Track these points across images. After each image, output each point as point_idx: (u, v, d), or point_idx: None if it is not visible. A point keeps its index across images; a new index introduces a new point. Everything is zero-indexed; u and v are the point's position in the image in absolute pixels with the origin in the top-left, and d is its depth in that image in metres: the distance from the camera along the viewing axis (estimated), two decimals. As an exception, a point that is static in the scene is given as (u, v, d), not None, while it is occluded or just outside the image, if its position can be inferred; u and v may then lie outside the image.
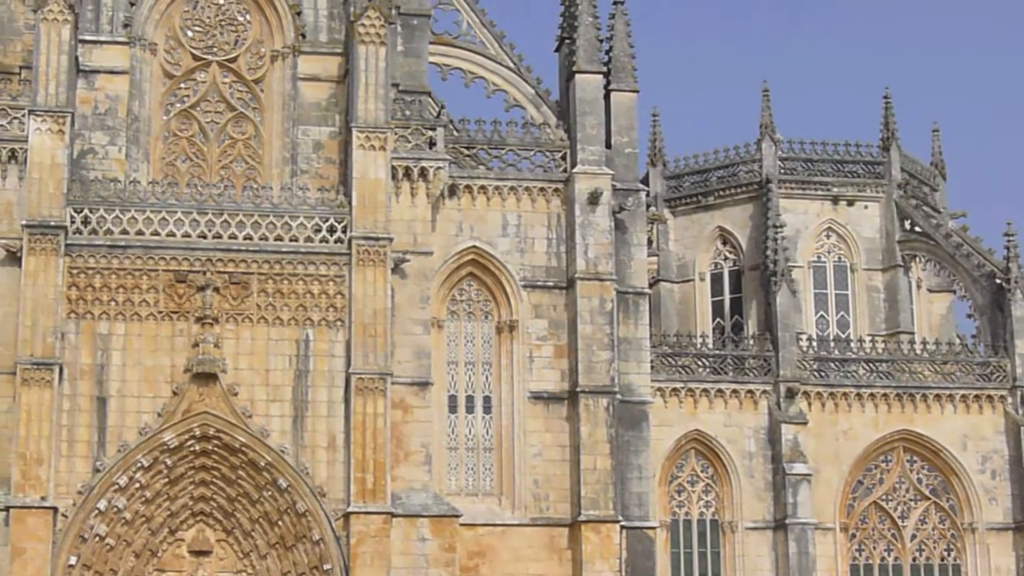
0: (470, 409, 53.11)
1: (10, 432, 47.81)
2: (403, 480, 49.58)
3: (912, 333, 63.92)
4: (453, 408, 52.97)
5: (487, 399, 53.22)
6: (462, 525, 50.29)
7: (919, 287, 66.98)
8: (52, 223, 48.99)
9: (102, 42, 53.08)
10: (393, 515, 48.78)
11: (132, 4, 53.31)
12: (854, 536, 57.76)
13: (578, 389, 52.17)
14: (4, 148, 50.23)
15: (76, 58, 51.52)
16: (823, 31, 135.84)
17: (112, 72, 52.97)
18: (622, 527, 51.67)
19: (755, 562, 56.21)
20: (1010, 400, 58.60)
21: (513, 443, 52.56)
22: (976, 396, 58.63)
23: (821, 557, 56.10)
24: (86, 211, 49.72)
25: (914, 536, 58.09)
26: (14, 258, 48.99)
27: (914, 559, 57.94)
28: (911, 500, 58.35)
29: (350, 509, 48.50)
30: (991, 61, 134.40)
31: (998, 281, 60.60)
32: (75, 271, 49.28)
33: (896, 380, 58.43)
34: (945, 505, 58.28)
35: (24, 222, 48.99)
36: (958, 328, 66.07)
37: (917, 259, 65.93)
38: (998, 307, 60.32)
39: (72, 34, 50.94)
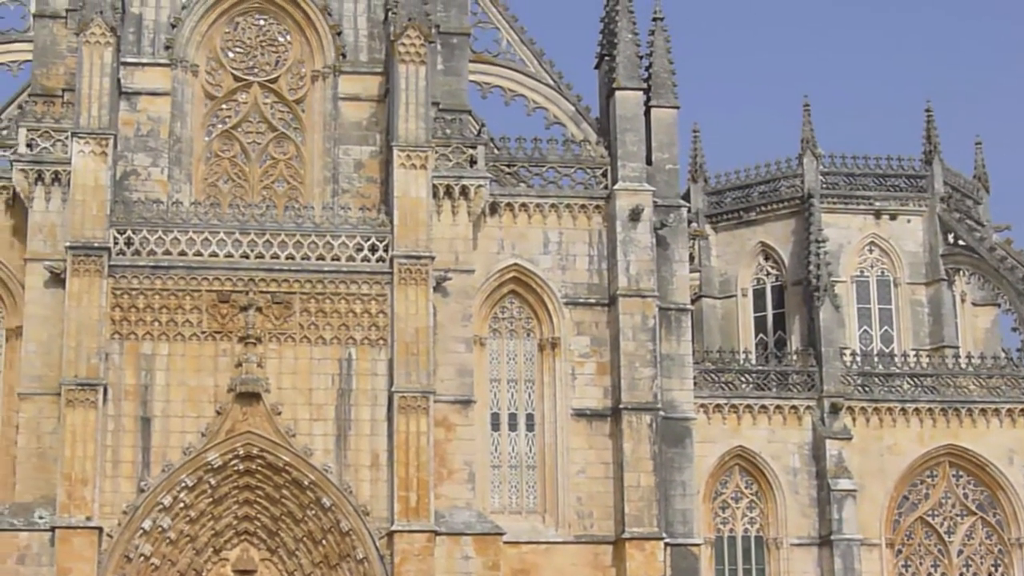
0: (513, 427, 53.15)
1: (55, 453, 48.02)
2: (447, 498, 49.60)
3: (956, 347, 63.65)
4: (496, 426, 52.99)
5: (530, 417, 53.22)
6: (506, 543, 50.24)
7: (963, 301, 66.76)
8: (96, 244, 49.26)
9: (144, 64, 53.44)
10: (437, 533, 48.76)
11: (173, 26, 53.64)
12: (900, 552, 57.55)
13: (621, 406, 52.11)
14: (47, 170, 50.46)
15: (118, 80, 51.83)
16: (864, 45, 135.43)
17: (154, 94, 53.29)
18: (666, 544, 51.54)
19: (801, 579, 56.19)
20: (1057, 414, 58.47)
21: (556, 460, 52.53)
22: (1022, 410, 58.36)
23: (867, 573, 55.90)
24: (129, 232, 50.01)
25: (960, 552, 57.84)
26: (58, 280, 49.23)
27: (961, 574, 57.67)
28: (957, 515, 58.13)
29: (394, 528, 48.52)
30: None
31: (1045, 293, 60.48)
32: (119, 292, 49.54)
33: (941, 395, 58.24)
34: (992, 520, 58.06)
35: (68, 244, 49.24)
36: (1003, 341, 65.73)
37: (961, 273, 65.70)
38: (1045, 320, 60.23)
39: (114, 56, 51.23)
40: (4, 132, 52.65)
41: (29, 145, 50.90)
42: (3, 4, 54.70)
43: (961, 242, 65.14)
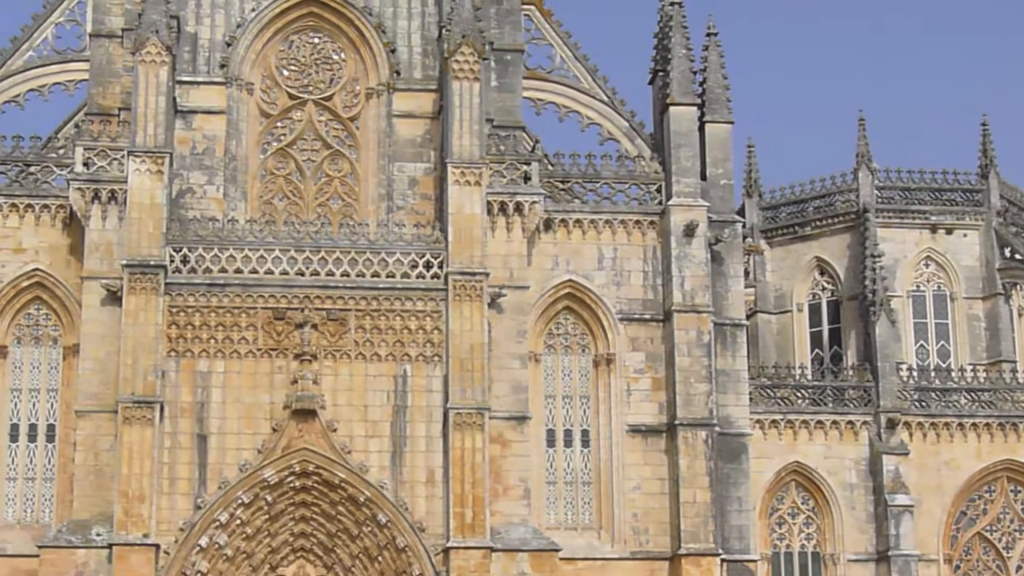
0: (568, 443, 53.10)
1: (112, 470, 48.30)
2: (502, 515, 49.59)
3: (1014, 362, 63.34)
4: (551, 442, 52.95)
5: (585, 433, 53.17)
6: (562, 559, 50.16)
7: (1020, 315, 66.37)
8: (152, 262, 49.52)
9: (199, 83, 53.73)
10: (493, 550, 48.77)
11: (228, 45, 53.92)
12: (958, 568, 57.36)
13: (676, 422, 52.05)
14: (104, 189, 50.81)
15: (174, 99, 52.15)
16: (919, 59, 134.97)
17: (209, 112, 53.59)
18: (722, 560, 51.46)
19: (859, 595, 55.99)
20: (1114, 429, 58.17)
21: (612, 476, 52.48)
22: (1079, 424, 58.22)
23: (925, 589, 55.84)
24: (185, 250, 50.27)
25: (1020, 567, 57.64)
26: (115, 298, 49.53)
27: (1020, 590, 57.56)
28: (1016, 531, 57.94)
29: (450, 544, 48.56)
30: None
31: (1103, 308, 60.22)
32: (175, 310, 49.78)
33: (999, 409, 58.11)
34: (1051, 535, 57.92)
35: (124, 262, 49.52)
36: (1061, 356, 65.46)
37: (1018, 287, 65.46)
38: (1103, 335, 59.96)
39: (169, 75, 51.55)
40: (61, 151, 53.10)
41: (86, 164, 51.30)
42: (59, 24, 54.94)
43: (1018, 256, 64.98)
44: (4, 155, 52.89)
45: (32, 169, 52.77)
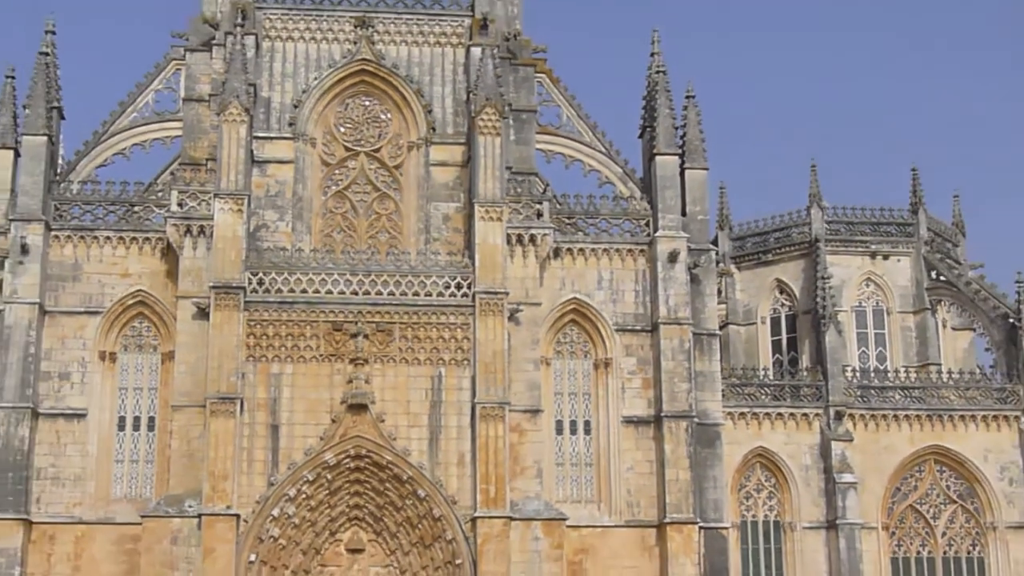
0: (573, 431, 52.93)
1: (201, 454, 48.29)
2: (519, 490, 49.49)
3: (939, 364, 63.32)
4: (559, 431, 52.80)
5: (587, 423, 53.02)
6: (568, 527, 50.12)
7: (945, 326, 66.30)
8: (234, 284, 49.50)
9: (272, 138, 53.71)
10: (512, 519, 48.68)
11: (295, 107, 53.95)
12: (894, 534, 57.21)
13: (662, 414, 51.94)
14: (195, 225, 50.91)
15: (251, 151, 52.11)
16: (862, 113, 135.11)
17: (280, 162, 53.55)
18: (700, 528, 51.29)
19: (812, 557, 55.73)
20: (1023, 419, 57.74)
21: (609, 459, 52.37)
22: (995, 416, 58.01)
23: (866, 552, 55.56)
24: (261, 274, 50.25)
25: (944, 533, 57.45)
26: (203, 313, 49.51)
27: (944, 553, 57.32)
28: (941, 503, 57.75)
29: (477, 514, 48.45)
30: (1006, 135, 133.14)
31: (1011, 321, 60.17)
32: (252, 323, 49.75)
33: (927, 404, 57.90)
34: (970, 507, 57.67)
35: (211, 284, 49.51)
36: (978, 360, 65.31)
37: (942, 303, 65.43)
38: (1012, 342, 59.84)
39: (248, 132, 51.57)
40: (159, 194, 53.11)
41: (180, 204, 51.38)
42: (158, 90, 55.02)
43: (942, 278, 64.96)
44: (113, 197, 52.90)
45: (136, 209, 52.76)
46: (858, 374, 59.23)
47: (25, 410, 50.07)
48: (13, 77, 53.89)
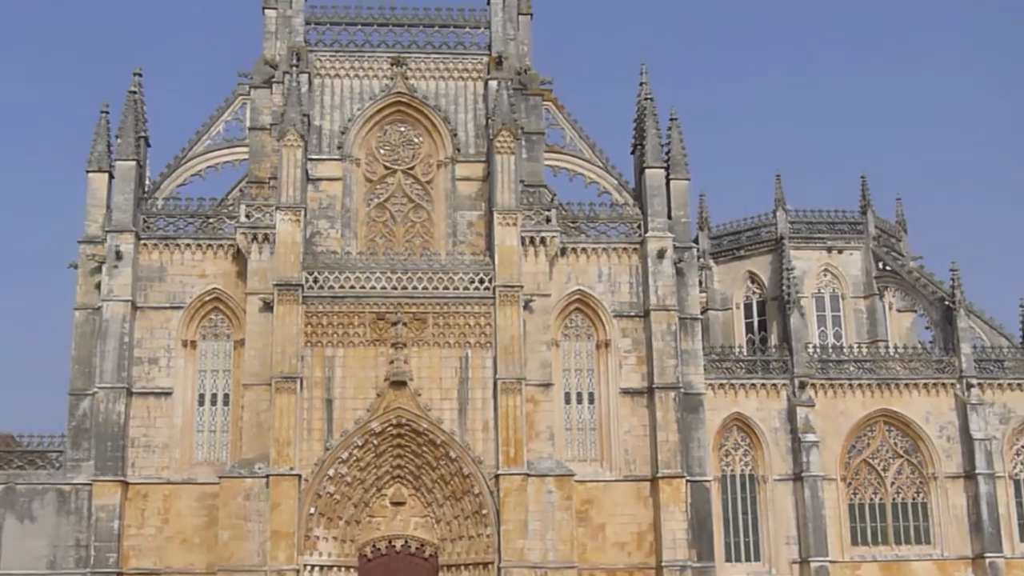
0: (579, 401, 53.02)
1: (268, 424, 48.62)
2: (535, 451, 49.70)
3: (887, 341, 63.23)
4: (568, 401, 52.89)
5: (591, 394, 53.09)
6: (576, 482, 50.35)
7: (891, 309, 66.24)
8: (293, 282, 49.88)
9: (323, 159, 53.92)
10: (529, 475, 48.91)
11: (343, 133, 54.22)
12: (850, 484, 57.22)
13: (654, 386, 52.12)
14: (260, 233, 51.16)
15: (306, 171, 52.35)
16: (818, 132, 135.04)
17: (330, 179, 53.76)
18: (687, 481, 51.49)
19: (781, 504, 55.81)
20: (958, 386, 57.98)
21: (610, 424, 52.55)
22: (934, 384, 58.02)
23: (828, 499, 55.71)
24: (315, 274, 50.56)
25: (893, 483, 57.49)
26: (268, 307, 49.88)
27: (893, 499, 57.34)
28: (890, 458, 57.77)
29: (499, 472, 48.75)
30: (943, 145, 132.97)
31: (947, 303, 60.14)
32: (309, 314, 50.04)
33: (877, 374, 57.89)
34: (915, 461, 57.70)
35: (275, 282, 49.90)
36: (919, 337, 65.25)
37: (889, 289, 65.34)
38: (947, 321, 59.82)
39: (303, 154, 51.83)
40: (230, 207, 53.25)
41: (247, 216, 51.67)
42: (228, 121, 55.11)
43: (888, 268, 64.90)
44: (192, 211, 53.12)
45: (211, 220, 52.97)
46: (818, 350, 59.42)
47: (121, 389, 50.49)
48: (107, 112, 54.14)
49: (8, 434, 54.81)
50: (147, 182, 54.37)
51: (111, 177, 53.16)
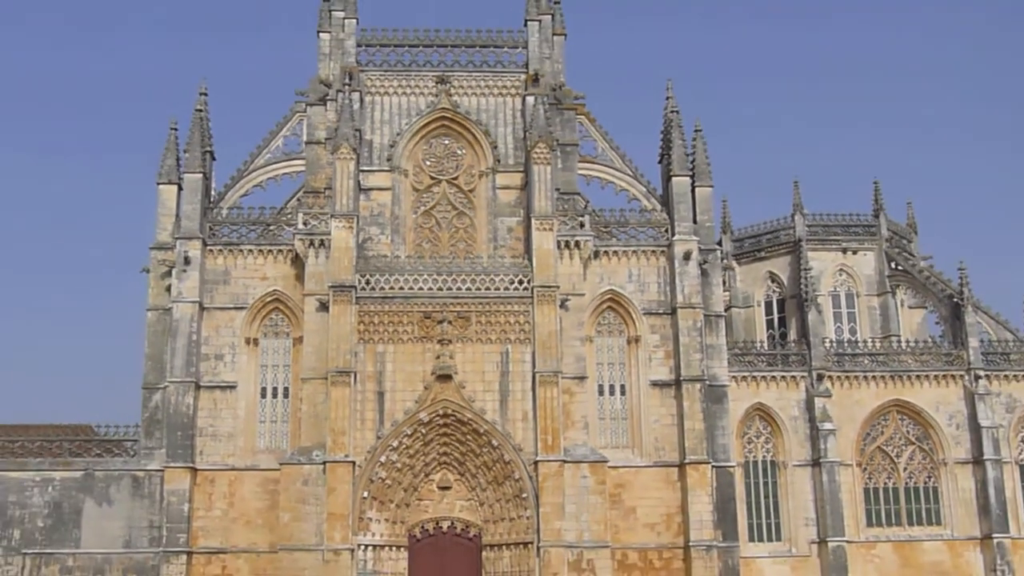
0: (612, 393, 52.81)
1: (324, 415, 48.73)
2: (571, 439, 49.58)
3: (899, 336, 62.62)
4: (601, 392, 52.66)
5: (622, 386, 52.88)
6: (609, 467, 50.22)
7: (902, 305, 65.58)
8: (347, 284, 49.92)
9: (374, 171, 53.85)
10: (565, 462, 48.81)
11: (391, 146, 54.18)
12: (865, 469, 56.72)
13: (681, 378, 51.90)
14: (316, 239, 51.26)
15: (358, 181, 52.38)
16: (837, 135, 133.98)
17: (380, 189, 53.69)
18: (712, 466, 51.26)
19: (800, 488, 55.36)
20: (966, 378, 57.30)
21: (640, 414, 52.32)
22: (944, 376, 57.42)
23: (844, 483, 55.24)
24: (367, 276, 50.63)
25: (905, 468, 56.92)
26: (324, 307, 49.96)
27: (906, 484, 56.77)
28: (903, 444, 57.21)
29: (537, 458, 48.66)
30: (953, 149, 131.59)
31: (955, 300, 59.47)
32: (362, 313, 50.10)
33: (890, 367, 57.37)
34: (926, 447, 57.11)
35: (330, 284, 49.98)
36: (929, 332, 64.62)
37: (900, 287, 64.72)
38: (956, 317, 59.14)
39: (356, 166, 51.89)
40: (289, 215, 53.33)
41: (304, 223, 51.74)
42: (286, 136, 55.11)
43: (900, 268, 64.31)
44: (254, 219, 53.31)
45: (271, 228, 53.14)
46: (834, 344, 58.80)
47: (190, 383, 50.74)
48: (176, 129, 54.41)
49: (87, 425, 55.24)
50: (212, 193, 54.54)
51: (180, 188, 53.41)
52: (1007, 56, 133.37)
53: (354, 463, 48.16)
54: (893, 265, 64.44)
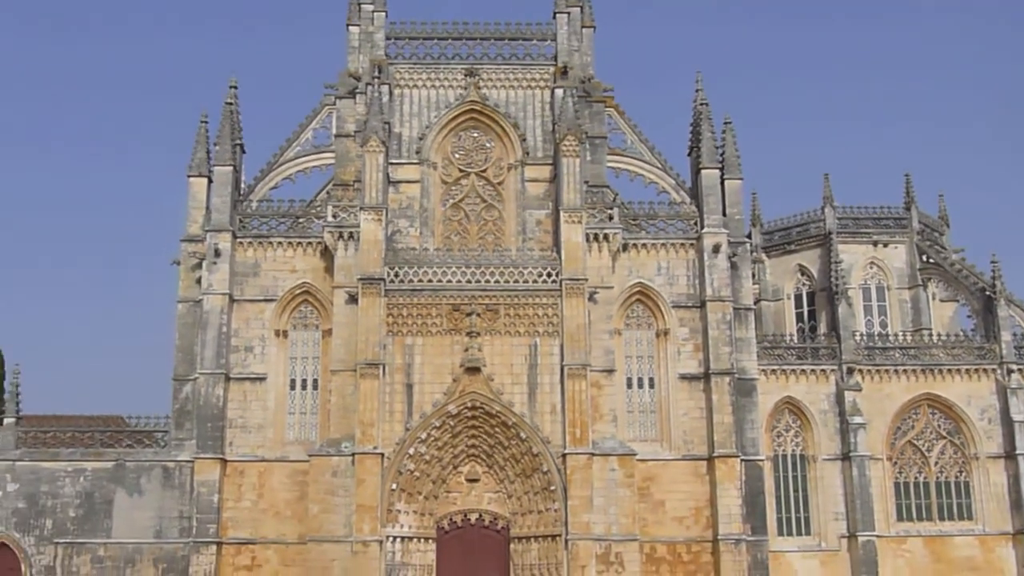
0: (640, 386, 52.58)
1: (353, 407, 48.69)
2: (599, 432, 49.35)
3: (930, 329, 62.19)
4: (629, 385, 52.43)
5: (651, 379, 52.66)
6: (638, 460, 49.93)
7: (934, 299, 64.99)
8: (376, 277, 49.87)
9: (402, 163, 53.86)
10: (594, 455, 48.60)
11: (420, 139, 54.14)
12: (896, 463, 56.42)
13: (710, 371, 51.61)
14: (345, 231, 51.21)
15: (387, 174, 52.40)
16: (867, 130, 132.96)
17: (409, 182, 53.68)
18: (741, 460, 50.95)
19: (830, 482, 55.16)
20: (999, 371, 56.99)
21: (668, 407, 52.07)
22: (975, 369, 57.07)
23: (874, 478, 54.98)
24: (396, 269, 50.57)
25: (936, 462, 56.62)
26: (353, 299, 49.94)
27: (937, 478, 56.51)
28: (934, 439, 56.86)
29: (566, 451, 48.47)
30: (984, 143, 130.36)
31: (987, 293, 59.15)
32: (391, 306, 50.05)
33: (921, 360, 57.03)
34: (957, 442, 56.76)
35: (359, 276, 49.95)
36: (961, 325, 64.05)
37: (932, 280, 64.21)
38: (988, 311, 58.87)
39: (385, 159, 51.88)
40: (318, 208, 53.38)
41: (334, 216, 51.71)
42: (316, 129, 55.08)
43: (931, 260, 63.86)
44: (283, 212, 53.40)
45: (301, 220, 53.17)
46: (865, 338, 58.41)
47: (220, 375, 50.88)
48: (206, 122, 54.48)
49: (118, 416, 55.60)
50: (242, 185, 54.59)
51: (210, 181, 53.50)
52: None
53: (383, 455, 48.13)
54: (924, 258, 63.97)
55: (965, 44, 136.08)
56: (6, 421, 51.34)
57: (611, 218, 52.19)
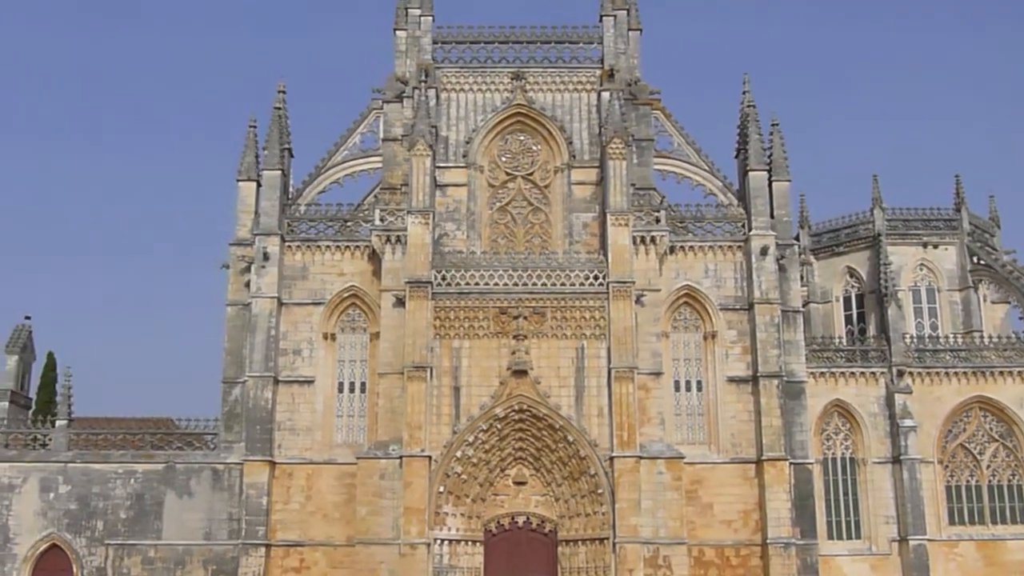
0: (688, 389, 52.24)
1: (401, 410, 48.63)
2: (646, 435, 48.99)
3: (981, 331, 61.25)
4: (677, 388, 52.12)
5: (699, 382, 52.29)
6: (685, 463, 49.51)
7: (985, 300, 64.03)
8: (423, 280, 49.77)
9: (449, 167, 53.77)
10: (641, 458, 48.28)
11: (467, 143, 54.03)
12: (947, 467, 55.54)
13: (758, 374, 51.07)
14: (393, 235, 51.20)
15: (434, 177, 52.30)
16: (916, 135, 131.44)
17: (456, 185, 53.57)
18: (790, 463, 50.41)
19: (880, 485, 54.39)
20: (1051, 374, 55.94)
21: (717, 410, 51.61)
22: (1028, 372, 56.10)
23: (925, 481, 54.18)
24: (443, 272, 50.43)
25: (989, 466, 55.75)
26: (401, 302, 49.86)
27: (989, 481, 55.60)
28: (985, 442, 55.95)
29: (613, 454, 48.16)
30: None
31: (1040, 295, 57.99)
32: (438, 309, 49.92)
33: (971, 363, 56.14)
34: (1009, 445, 55.91)
35: (406, 280, 49.87)
36: (1013, 327, 63.05)
37: (983, 282, 63.33)
38: (1040, 313, 57.76)
39: (432, 163, 51.80)
40: (366, 212, 53.46)
41: (381, 220, 51.72)
42: (363, 133, 55.16)
43: (982, 262, 63.01)
44: (331, 215, 53.41)
45: (348, 224, 53.21)
46: (915, 340, 57.58)
47: (268, 378, 50.95)
48: (255, 126, 54.72)
49: (168, 418, 55.80)
50: (291, 189, 54.75)
51: (259, 185, 53.71)
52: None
53: (430, 457, 47.98)
54: (975, 260, 63.08)
55: (1017, 46, 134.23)
56: (58, 423, 51.68)
57: (658, 220, 51.85)
